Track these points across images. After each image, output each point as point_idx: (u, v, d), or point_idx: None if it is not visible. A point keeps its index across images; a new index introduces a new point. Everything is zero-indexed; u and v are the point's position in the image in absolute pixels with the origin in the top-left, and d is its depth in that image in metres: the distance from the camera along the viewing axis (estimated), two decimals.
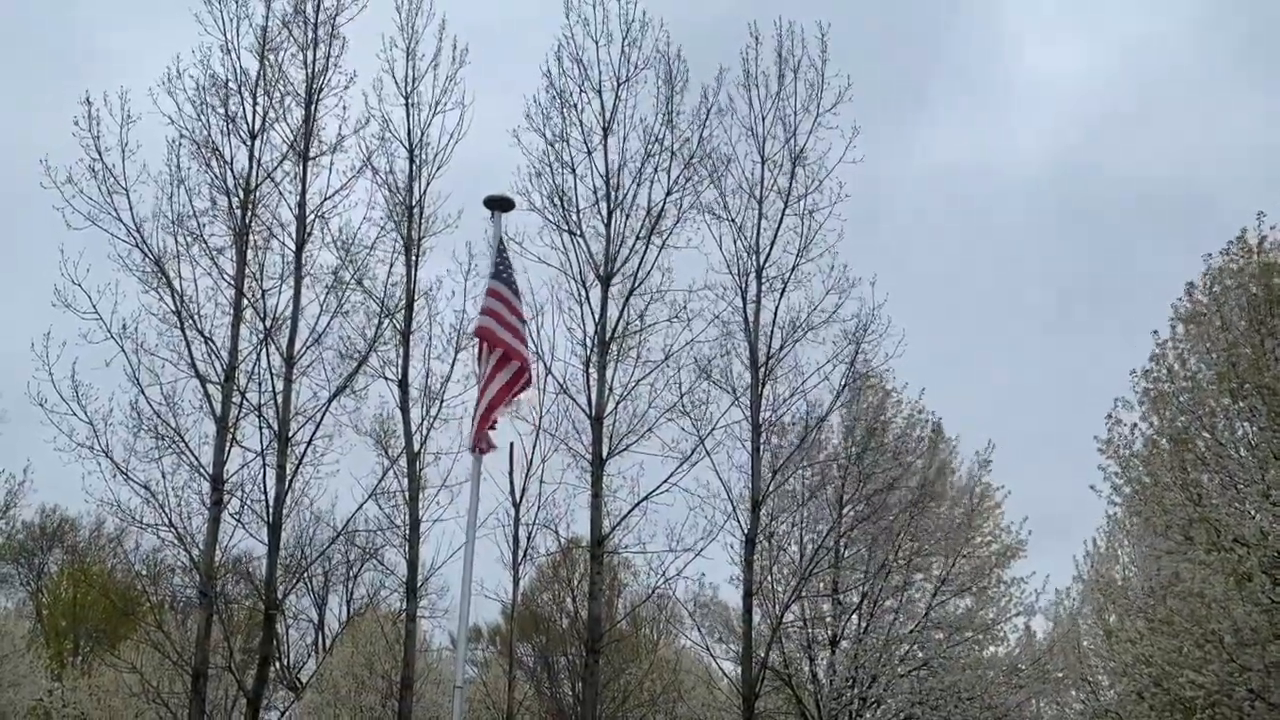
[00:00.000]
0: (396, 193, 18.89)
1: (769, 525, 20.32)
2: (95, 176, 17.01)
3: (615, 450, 18.55)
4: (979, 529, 21.99)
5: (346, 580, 41.00)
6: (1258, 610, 14.13)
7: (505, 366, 9.53)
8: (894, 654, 20.84)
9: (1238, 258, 15.48)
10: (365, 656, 30.54)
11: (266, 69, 18.17)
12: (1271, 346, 14.59)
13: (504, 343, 9.53)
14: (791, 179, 19.43)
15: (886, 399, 21.41)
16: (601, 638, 19.17)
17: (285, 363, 17.61)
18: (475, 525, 8.86)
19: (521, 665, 32.61)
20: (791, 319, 19.17)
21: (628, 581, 32.50)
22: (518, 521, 20.40)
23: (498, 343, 9.57)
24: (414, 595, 18.76)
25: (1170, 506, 15.22)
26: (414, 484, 18.52)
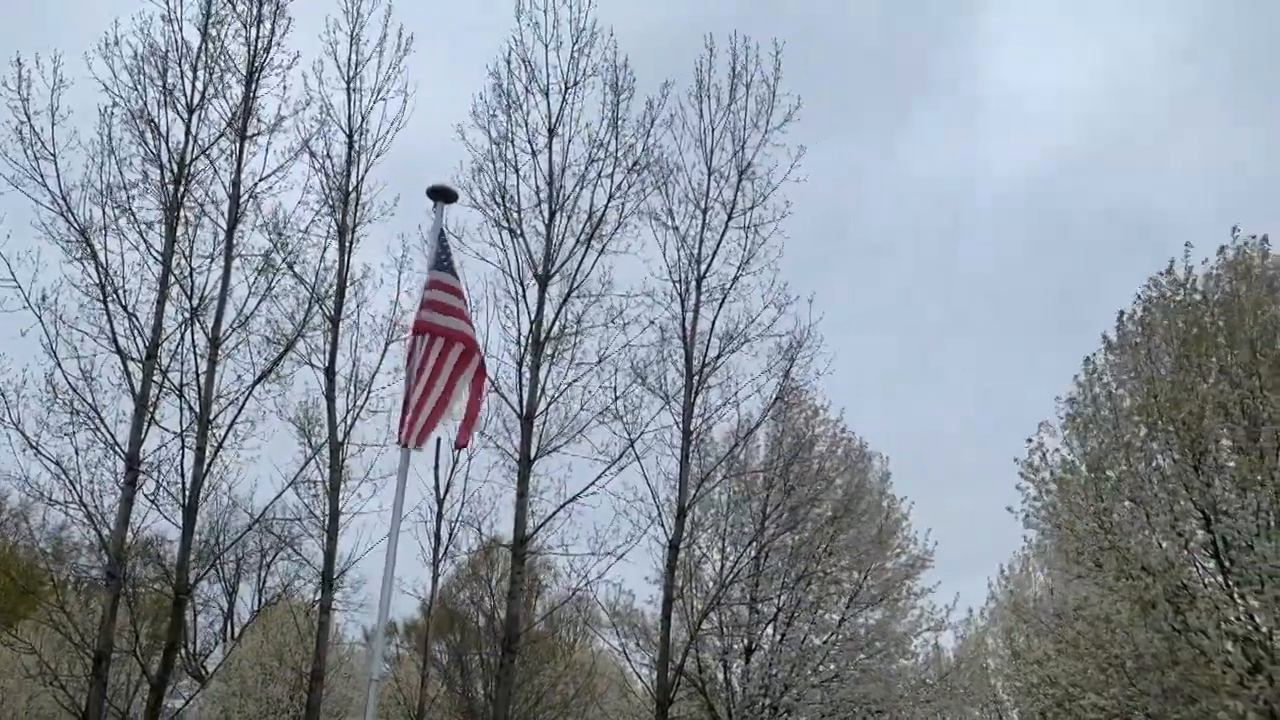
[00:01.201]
0: (333, 177, 18.67)
1: (692, 533, 20.43)
2: (22, 140, 16.53)
3: (544, 450, 18.51)
4: (888, 544, 22.40)
5: (259, 569, 40.28)
6: (1159, 637, 14.57)
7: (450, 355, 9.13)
8: (807, 664, 21.09)
9: (1167, 290, 15.96)
10: (275, 647, 29.99)
11: (209, 43, 17.81)
12: (1192, 381, 15.05)
13: (445, 329, 9.17)
14: (737, 192, 19.67)
15: (814, 416, 21.69)
16: (518, 638, 19.09)
17: (210, 343, 17.24)
18: (400, 518, 8.75)
19: (435, 662, 32.32)
20: (729, 330, 19.37)
21: (547, 583, 32.40)
22: (440, 518, 20.26)
23: (439, 331, 9.21)
24: (330, 587, 18.51)
25: (1082, 533, 15.62)
26: (336, 474, 18.27)
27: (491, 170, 18.93)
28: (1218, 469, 15.24)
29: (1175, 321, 15.72)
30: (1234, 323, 15.58)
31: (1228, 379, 14.89)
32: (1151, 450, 15.95)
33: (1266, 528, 14.43)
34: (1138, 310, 16.50)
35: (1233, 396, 14.81)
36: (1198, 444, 15.13)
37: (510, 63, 19.08)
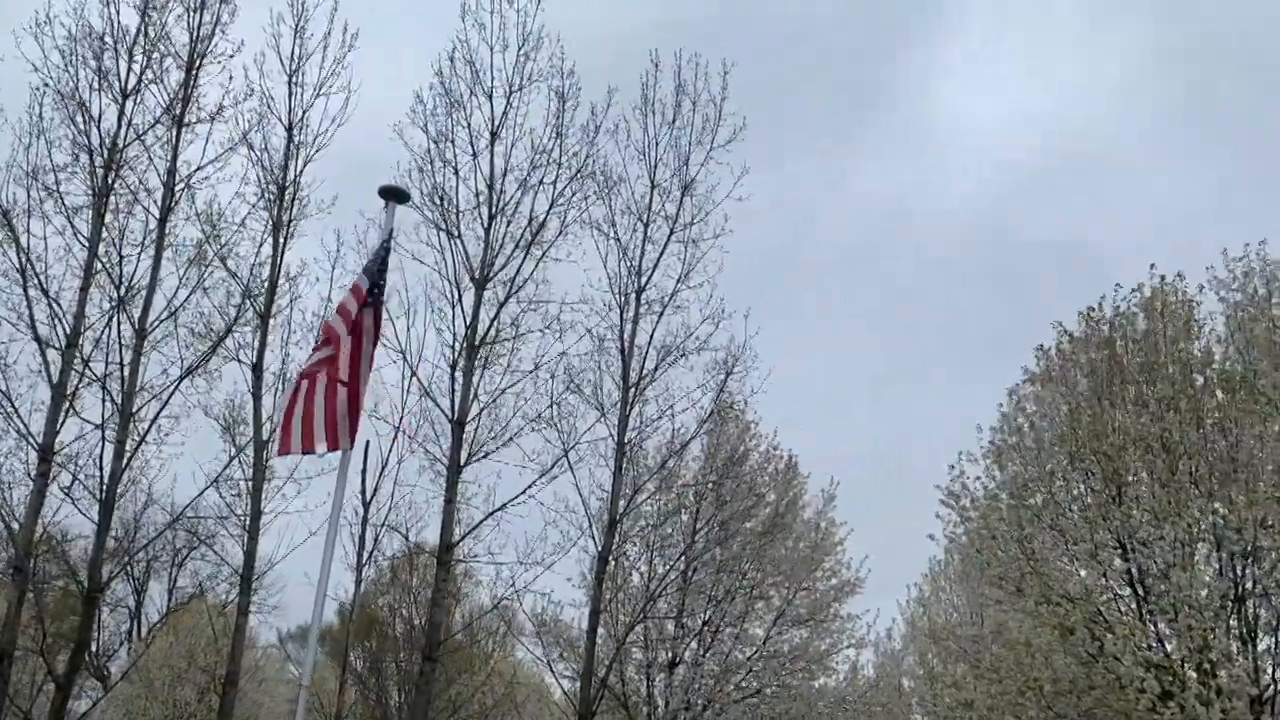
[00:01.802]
0: (270, 171, 18.31)
1: (622, 545, 20.39)
2: None
3: (474, 457, 18.31)
4: (820, 564, 22.59)
5: (171, 567, 39.19)
6: (1076, 662, 14.89)
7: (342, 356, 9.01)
8: (729, 680, 21.14)
9: (1091, 325, 16.38)
10: (186, 648, 29.22)
11: (149, 27, 17.37)
12: (1111, 414, 15.45)
13: (332, 331, 9.04)
14: (679, 206, 19.73)
15: (746, 431, 21.82)
16: (440, 645, 18.83)
17: (136, 334, 16.77)
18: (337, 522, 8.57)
19: (350, 669, 31.75)
20: (666, 343, 19.40)
21: (468, 591, 32.06)
22: (366, 522, 19.93)
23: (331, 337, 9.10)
24: (248, 588, 18.06)
25: (1004, 559, 15.91)
26: (259, 474, 17.88)
27: (431, 170, 18.72)
28: (1136, 500, 15.65)
29: (1094, 355, 16.14)
30: (1152, 358, 16.05)
31: (1147, 413, 15.32)
32: (1073, 480, 16.32)
33: (1181, 559, 14.85)
34: (1063, 342, 16.90)
35: (1152, 430, 15.23)
36: (1117, 475, 15.54)
37: (454, 62, 18.90)
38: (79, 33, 17.00)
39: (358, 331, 9.25)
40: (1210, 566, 15.26)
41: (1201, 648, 14.51)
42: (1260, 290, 16.57)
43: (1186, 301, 16.79)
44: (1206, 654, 14.50)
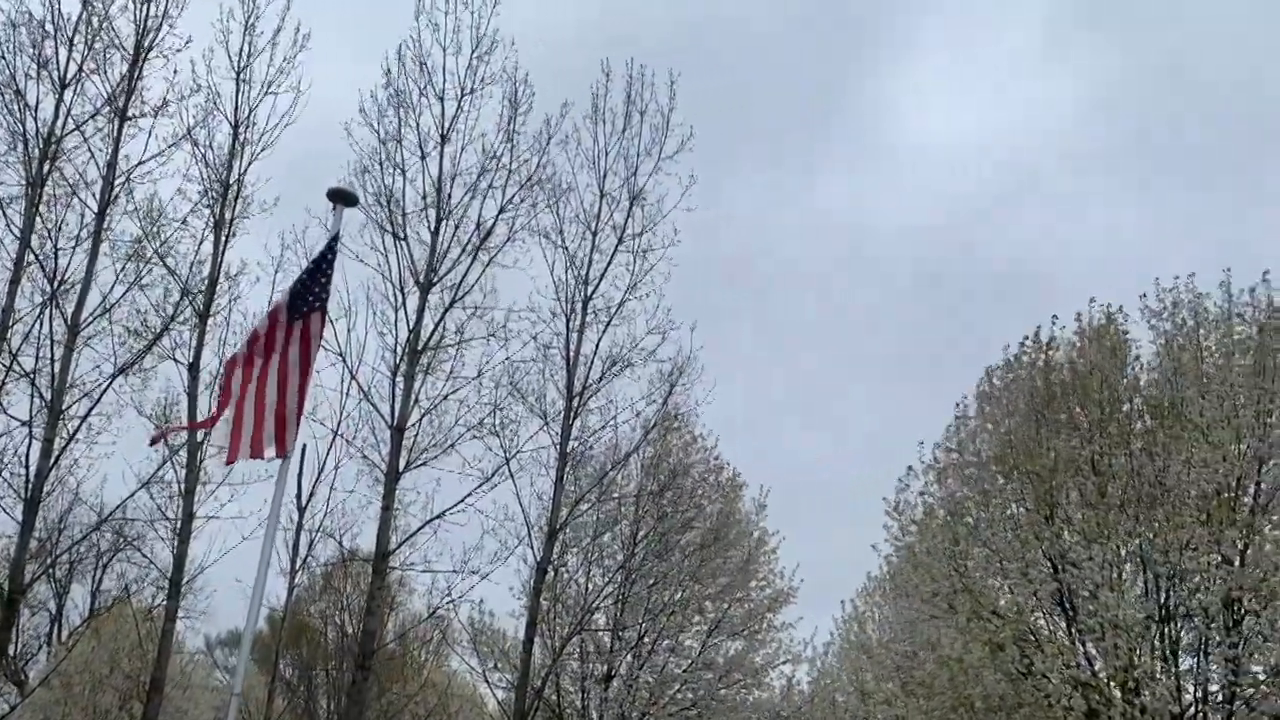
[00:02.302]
0: (214, 169, 18.00)
1: (561, 556, 20.29)
2: None
3: (414, 463, 18.09)
4: (755, 574, 22.69)
5: (95, 570, 38.18)
6: (1006, 679, 15.14)
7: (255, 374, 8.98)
8: (664, 693, 21.12)
9: (1030, 351, 16.72)
10: (109, 653, 28.48)
11: (91, 16, 17.00)
12: (1045, 436, 15.77)
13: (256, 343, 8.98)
14: (628, 216, 19.73)
15: (692, 444, 21.89)
16: (373, 654, 18.58)
17: (68, 330, 16.36)
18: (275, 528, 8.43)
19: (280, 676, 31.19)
20: (612, 353, 19.37)
21: (403, 600, 31.72)
22: (300, 527, 19.60)
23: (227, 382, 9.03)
24: (177, 593, 17.69)
25: (938, 575, 16.14)
26: (193, 476, 17.51)
27: (378, 172, 18.52)
28: (1067, 521, 15.97)
29: (1034, 379, 16.48)
30: (1086, 384, 16.43)
31: (1079, 436, 15.65)
32: (1007, 499, 16.62)
33: (1109, 579, 15.17)
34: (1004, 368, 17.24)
35: (1084, 453, 15.57)
36: (1050, 496, 15.86)
37: (404, 62, 18.73)
38: (18, 19, 16.64)
39: (305, 336, 9.12)
40: (1137, 588, 15.61)
41: (1127, 667, 14.83)
42: (1189, 321, 17.05)
43: (1120, 331, 17.23)
44: (1131, 673, 14.82)
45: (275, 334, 9.06)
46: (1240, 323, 16.32)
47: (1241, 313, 16.42)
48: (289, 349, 9.11)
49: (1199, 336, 17.00)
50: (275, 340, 9.05)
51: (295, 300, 9.18)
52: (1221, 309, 16.44)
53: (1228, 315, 16.40)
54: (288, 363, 9.12)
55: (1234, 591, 14.69)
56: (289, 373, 9.11)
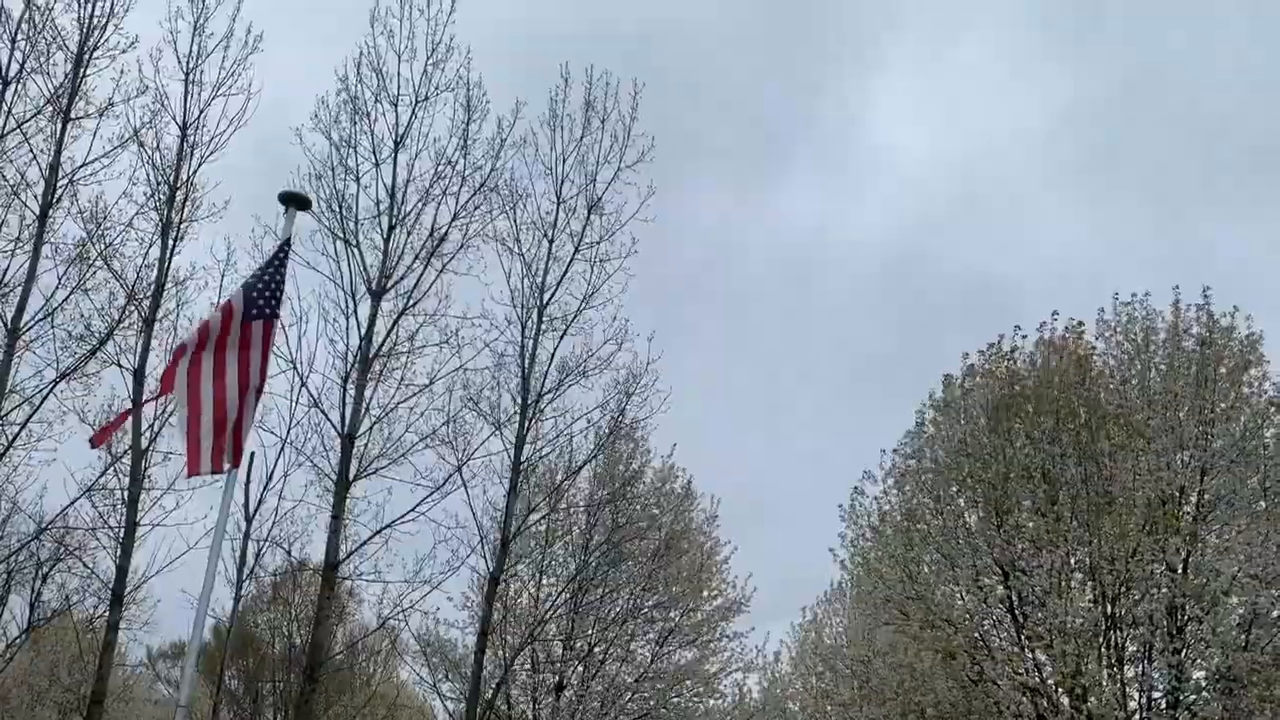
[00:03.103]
0: (161, 171, 17.66)
1: (514, 565, 20.11)
2: None
3: (364, 472, 17.84)
4: (706, 583, 22.70)
5: (34, 579, 37.25)
6: (957, 686, 15.26)
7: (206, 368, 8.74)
8: (615, 702, 21.02)
9: (992, 359, 16.92)
10: (48, 665, 27.82)
11: (33, 13, 16.63)
12: (1001, 445, 15.95)
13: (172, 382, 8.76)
14: (586, 224, 19.61)
15: (638, 448, 21.85)
16: (321, 665, 18.28)
17: (8, 334, 15.95)
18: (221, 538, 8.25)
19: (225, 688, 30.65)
20: (567, 361, 19.25)
21: (352, 610, 31.30)
22: (248, 536, 19.20)
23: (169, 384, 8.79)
24: (119, 604, 17.27)
25: (891, 582, 16.25)
26: (136, 484, 17.13)
27: (330, 177, 18.30)
28: (1017, 529, 16.16)
29: (993, 388, 16.67)
30: (1042, 394, 16.66)
31: (1032, 444, 15.85)
32: (960, 506, 16.78)
33: (1058, 586, 15.36)
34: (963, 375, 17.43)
35: (1035, 460, 15.76)
36: (1002, 504, 16.03)
37: (360, 68, 18.57)
38: None
39: (261, 342, 8.92)
40: (1085, 595, 15.82)
41: (1074, 673, 15.01)
42: (1140, 337, 17.38)
43: (1080, 344, 17.53)
44: (1079, 680, 15.00)
45: (228, 332, 8.82)
46: (1187, 338, 16.68)
47: (1188, 328, 16.78)
48: (242, 352, 8.90)
49: (1149, 350, 17.35)
50: (227, 340, 8.82)
51: (247, 303, 8.98)
52: (1170, 324, 16.78)
53: (1175, 331, 16.75)
54: (243, 368, 8.91)
55: (1177, 599, 14.94)
56: (246, 380, 8.90)
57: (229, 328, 8.79)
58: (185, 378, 8.65)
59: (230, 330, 8.78)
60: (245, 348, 8.97)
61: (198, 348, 8.72)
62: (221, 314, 8.86)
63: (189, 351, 8.70)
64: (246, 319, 8.93)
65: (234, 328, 8.78)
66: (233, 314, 8.79)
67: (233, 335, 8.80)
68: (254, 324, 8.96)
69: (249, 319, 8.97)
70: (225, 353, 8.78)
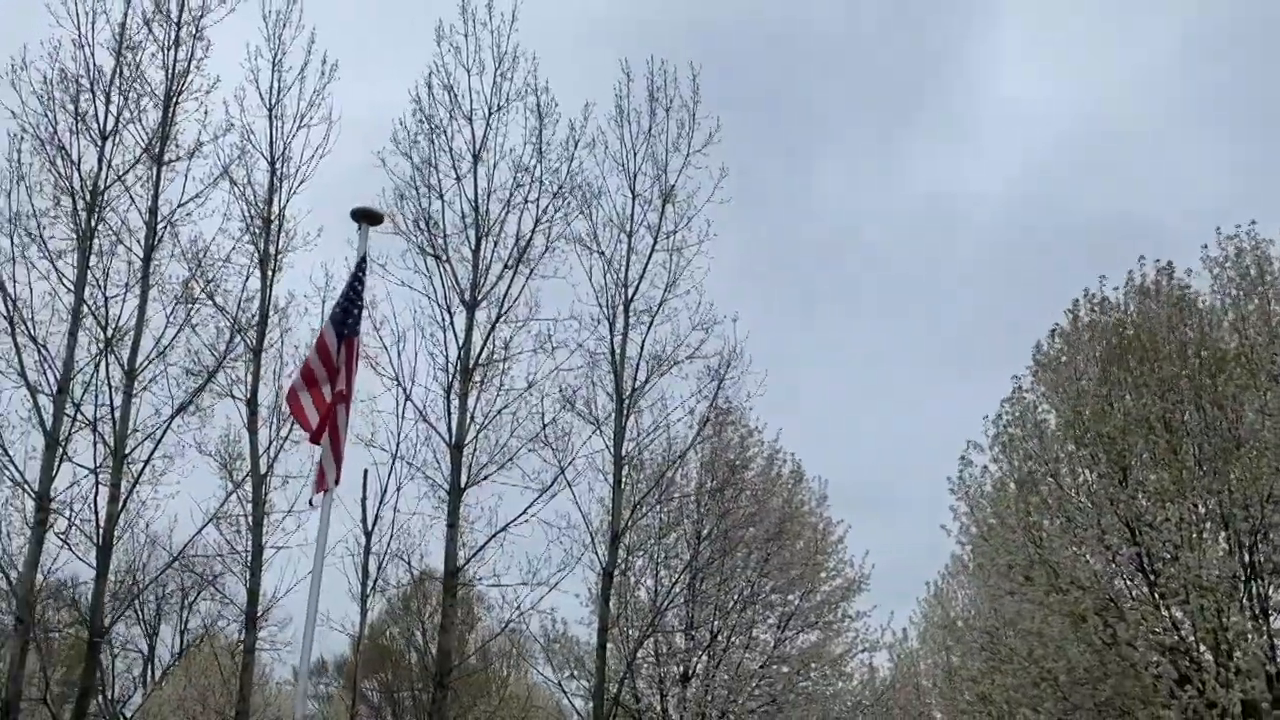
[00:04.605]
0: (255, 205, 18.24)
1: (626, 560, 20.22)
2: None
3: (474, 479, 18.18)
4: (823, 564, 22.44)
5: (181, 609, 38.98)
6: (1090, 651, 14.72)
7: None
8: (742, 690, 20.93)
9: (1088, 313, 16.28)
10: (199, 690, 29.04)
11: (123, 67, 17.33)
12: (1114, 398, 15.33)
13: (299, 410, 9.28)
14: (661, 215, 19.62)
15: (749, 436, 21.70)
16: (451, 672, 18.66)
17: (125, 375, 16.67)
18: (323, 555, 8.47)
19: (365, 700, 31.58)
20: (657, 352, 19.28)
21: (480, 616, 31.90)
22: (368, 551, 19.74)
23: (295, 410, 9.33)
24: (253, 626, 17.91)
25: (1013, 548, 15.77)
26: (259, 509, 17.74)
27: (415, 196, 18.69)
28: (1140, 483, 15.52)
29: (1097, 340, 16.04)
30: (1153, 340, 15.96)
31: (1149, 393, 15.19)
32: (1078, 466, 16.19)
33: (1189, 539, 14.70)
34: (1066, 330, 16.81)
35: (1153, 410, 15.11)
36: (1121, 458, 15.41)
37: (432, 88, 18.91)
38: (55, 77, 16.96)
39: (347, 362, 9.30)
40: (1219, 546, 15.10)
41: (1216, 628, 14.34)
42: (1252, 270, 16.53)
43: (1180, 285, 16.76)
44: (1222, 634, 14.33)
45: (329, 362, 9.27)
46: None
47: None
48: (338, 376, 9.31)
49: (1264, 283, 16.49)
50: (330, 368, 9.28)
51: (335, 326, 9.35)
52: None
53: None
54: (344, 391, 9.31)
55: None
56: (348, 402, 9.32)
57: (327, 360, 9.25)
58: (307, 401, 9.17)
59: (328, 362, 9.24)
60: (338, 370, 9.38)
61: (308, 386, 9.21)
62: (318, 352, 9.31)
63: (302, 390, 9.21)
64: (337, 344, 9.32)
65: (330, 359, 9.23)
66: (327, 348, 9.24)
67: (332, 363, 9.24)
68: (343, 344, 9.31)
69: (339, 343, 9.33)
70: (333, 379, 9.22)
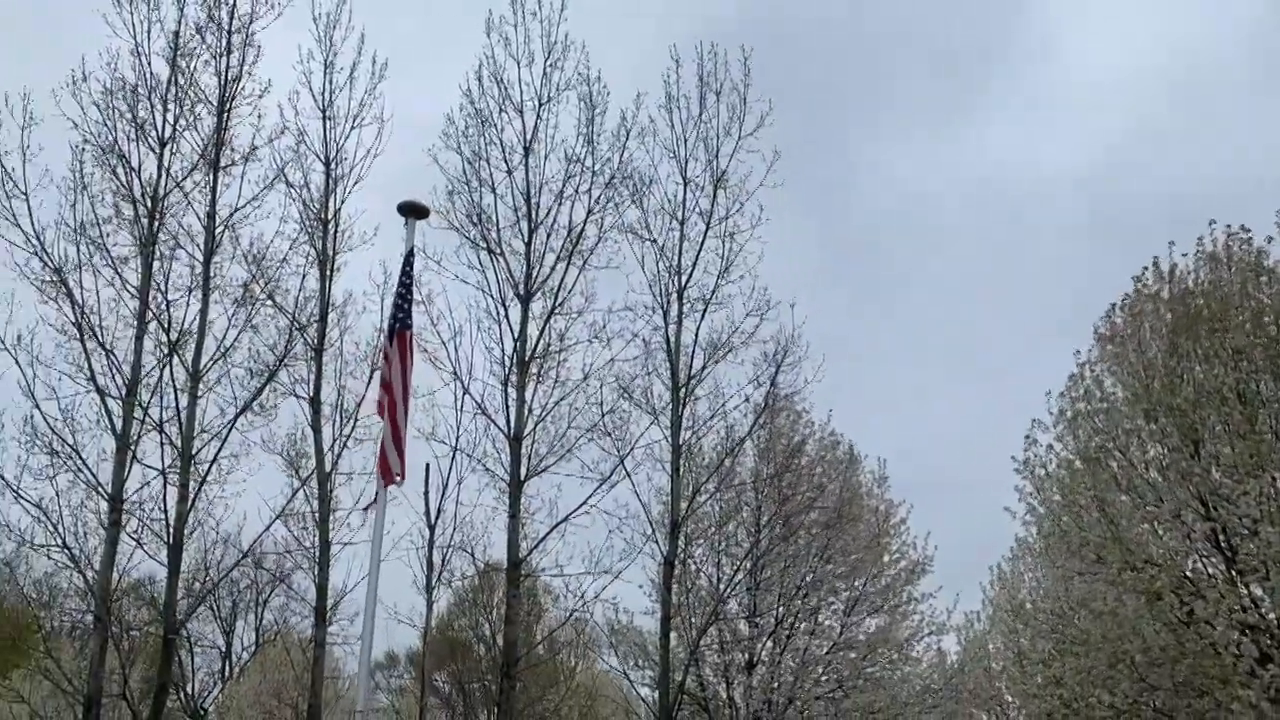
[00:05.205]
0: (311, 206, 18.45)
1: (687, 548, 20.18)
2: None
3: (534, 471, 18.25)
4: (886, 547, 22.20)
5: (255, 605, 39.82)
6: (1166, 629, 14.36)
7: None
8: (809, 676, 20.81)
9: (1155, 283, 15.84)
10: (274, 685, 29.61)
11: (178, 75, 17.63)
12: (1184, 369, 14.91)
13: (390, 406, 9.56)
14: (713, 201, 19.49)
15: (798, 420, 21.54)
16: (517, 662, 18.79)
17: (190, 377, 16.99)
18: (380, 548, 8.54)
19: (436, 691, 31.97)
20: (712, 340, 19.18)
21: (546, 606, 32.08)
22: (432, 544, 19.89)
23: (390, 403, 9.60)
24: (323, 621, 18.17)
25: (1084, 526, 15.41)
26: (324, 505, 17.99)
27: (467, 191, 18.77)
28: (1215, 457, 15.07)
29: (1163, 311, 15.58)
30: (1223, 308, 15.47)
31: (1221, 363, 14.74)
32: (1147, 440, 15.78)
33: (1268, 513, 14.24)
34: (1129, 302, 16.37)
35: (1226, 380, 14.64)
36: (1193, 431, 14.98)
37: (482, 80, 18.94)
38: (113, 86, 17.29)
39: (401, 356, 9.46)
40: None
41: None
42: None
43: (1254, 250, 16.21)
44: None
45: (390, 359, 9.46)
46: None
47: None
48: (391, 370, 9.48)
49: None
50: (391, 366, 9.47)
51: (391, 323, 9.52)
52: None
53: None
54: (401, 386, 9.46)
55: None
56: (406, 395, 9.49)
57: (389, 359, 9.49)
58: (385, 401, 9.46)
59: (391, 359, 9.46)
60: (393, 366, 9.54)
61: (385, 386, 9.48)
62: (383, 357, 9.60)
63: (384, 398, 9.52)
64: (390, 341, 9.50)
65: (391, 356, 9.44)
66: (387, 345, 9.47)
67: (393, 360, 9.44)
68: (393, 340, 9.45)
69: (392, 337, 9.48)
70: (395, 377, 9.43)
